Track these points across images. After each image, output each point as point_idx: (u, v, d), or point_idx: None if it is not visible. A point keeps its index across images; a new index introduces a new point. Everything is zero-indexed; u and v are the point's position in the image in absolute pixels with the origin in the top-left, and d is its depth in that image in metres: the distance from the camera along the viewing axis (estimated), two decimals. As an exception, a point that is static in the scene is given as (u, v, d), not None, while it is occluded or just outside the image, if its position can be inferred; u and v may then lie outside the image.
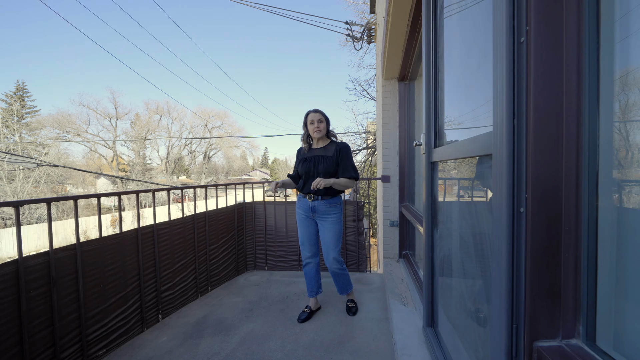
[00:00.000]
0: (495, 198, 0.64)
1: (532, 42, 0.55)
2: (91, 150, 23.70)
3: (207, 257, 2.56)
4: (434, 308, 1.43)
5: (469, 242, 0.94)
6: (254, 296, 2.43)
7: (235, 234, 2.94)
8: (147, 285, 1.99)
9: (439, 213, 1.32)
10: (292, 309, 2.18)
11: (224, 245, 2.76)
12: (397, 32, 2.13)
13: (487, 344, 0.81)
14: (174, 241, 2.22)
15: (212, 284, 2.61)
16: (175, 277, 2.22)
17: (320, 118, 1.96)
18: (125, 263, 1.84)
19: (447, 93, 1.25)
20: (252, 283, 2.74)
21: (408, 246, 2.76)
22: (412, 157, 2.70)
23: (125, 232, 1.85)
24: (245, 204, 3.08)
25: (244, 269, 3.08)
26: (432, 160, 1.38)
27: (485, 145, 0.71)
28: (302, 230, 2.05)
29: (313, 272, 2.08)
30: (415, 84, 2.65)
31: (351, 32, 3.88)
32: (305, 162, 1.99)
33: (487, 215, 0.83)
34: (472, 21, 0.91)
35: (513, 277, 0.60)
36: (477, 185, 0.91)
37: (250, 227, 3.11)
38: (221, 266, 2.71)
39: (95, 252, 1.65)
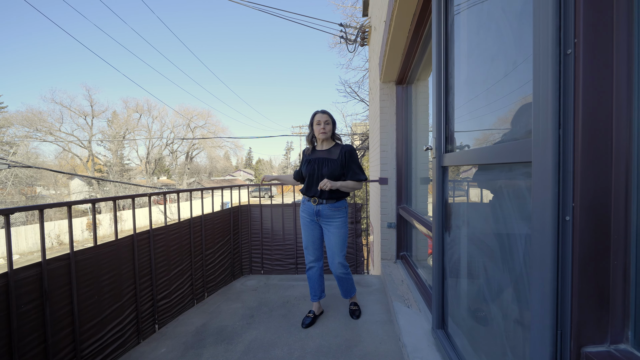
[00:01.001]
0: (537, 206, 0.65)
1: (580, 54, 0.56)
2: (64, 149, 22.41)
3: (203, 262, 2.47)
4: (444, 310, 1.45)
5: (493, 247, 0.95)
6: (253, 302, 2.37)
7: (231, 237, 2.86)
8: (143, 294, 1.89)
9: (453, 217, 1.34)
10: (295, 313, 2.14)
11: (220, 249, 2.68)
12: (398, 36, 2.15)
13: (519, 348, 0.82)
14: (170, 247, 2.12)
15: (209, 290, 2.53)
16: (171, 284, 2.12)
17: (327, 120, 1.94)
18: (122, 272, 1.74)
19: (460, 99, 1.27)
20: (250, 288, 2.67)
21: (405, 247, 2.80)
22: (410, 159, 2.74)
23: (121, 239, 1.74)
24: (241, 206, 3.01)
25: (240, 274, 3.00)
26: (442, 165, 1.40)
27: (521, 152, 0.72)
28: (306, 234, 2.03)
29: (317, 276, 2.06)
30: (412, 88, 2.69)
31: (345, 34, 3.89)
32: (309, 164, 1.96)
33: (517, 221, 0.84)
34: (496, 32, 0.93)
35: (558, 284, 0.61)
36: (502, 191, 0.93)
37: (246, 231, 3.04)
38: (217, 271, 2.63)
39: (90, 262, 1.55)
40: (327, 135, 1.94)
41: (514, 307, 0.87)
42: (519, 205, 0.84)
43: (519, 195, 0.85)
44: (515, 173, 0.82)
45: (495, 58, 0.94)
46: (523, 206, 0.84)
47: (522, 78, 0.82)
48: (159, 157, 27.10)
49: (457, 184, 1.27)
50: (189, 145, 28.48)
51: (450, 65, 1.37)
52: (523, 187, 0.79)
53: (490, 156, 0.93)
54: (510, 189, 0.89)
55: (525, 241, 0.81)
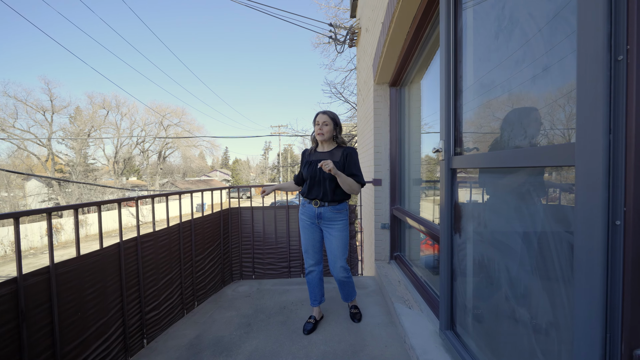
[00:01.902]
0: (583, 210, 0.65)
1: (634, 61, 0.57)
2: (19, 148, 20.42)
3: (192, 269, 2.33)
4: (453, 311, 1.46)
5: (516, 249, 0.96)
6: (248, 309, 2.27)
7: (221, 242, 2.73)
8: (130, 307, 1.74)
9: (465, 219, 1.35)
10: (294, 320, 2.08)
11: (210, 254, 2.55)
12: (397, 38, 2.16)
13: (549, 348, 0.83)
14: (159, 254, 1.97)
15: (199, 299, 2.39)
16: (160, 294, 1.97)
17: (326, 121, 1.89)
18: (107, 284, 1.58)
19: (473, 102, 1.28)
20: (242, 294, 2.56)
21: (399, 248, 2.82)
22: (403, 161, 2.77)
23: (106, 249, 1.59)
24: (231, 209, 2.88)
25: (230, 280, 2.87)
26: (452, 167, 1.41)
27: (562, 156, 0.72)
28: (306, 237, 1.97)
29: (317, 281, 2.01)
30: (406, 90, 2.72)
31: (335, 34, 3.87)
32: (310, 166, 1.91)
33: (544, 223, 0.85)
34: (520, 36, 0.94)
35: (607, 288, 0.61)
36: (527, 194, 0.94)
37: (236, 234, 2.91)
38: (207, 278, 2.49)
39: (72, 275, 1.39)
40: (324, 137, 1.89)
41: (540, 308, 0.89)
42: (545, 207, 0.85)
43: (546, 198, 0.86)
44: (550, 176, 0.83)
45: (519, 61, 0.95)
46: (550, 208, 0.85)
47: (549, 82, 0.83)
48: (128, 157, 25.55)
49: (471, 186, 1.28)
50: (161, 144, 27.14)
51: (459, 68, 1.38)
52: (551, 190, 0.80)
53: (512, 159, 0.94)
54: (536, 191, 0.90)
55: (557, 243, 0.82)
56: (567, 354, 0.77)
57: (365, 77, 3.37)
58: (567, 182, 0.81)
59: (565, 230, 0.79)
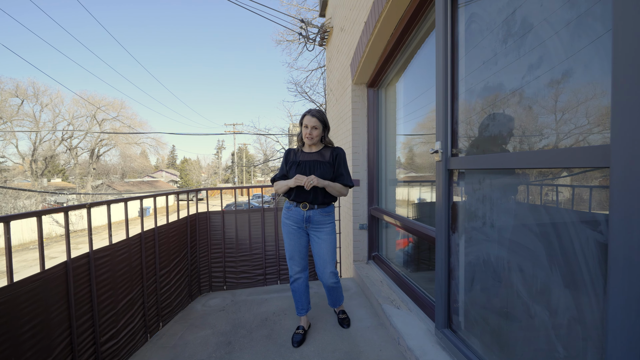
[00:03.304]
0: (619, 211, 0.67)
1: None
2: None
3: (157, 285, 2.02)
4: (450, 310, 1.48)
5: (529, 248, 0.98)
6: (225, 325, 2.05)
7: (188, 251, 2.43)
8: (82, 341, 1.41)
9: (462, 219, 1.37)
10: (279, 332, 1.93)
11: (176, 267, 2.24)
12: (381, 39, 2.16)
13: (553, 345, 0.86)
14: (117, 272, 1.65)
15: (164, 319, 2.08)
16: (119, 320, 1.65)
17: (315, 125, 1.78)
18: (51, 315, 1.25)
19: (469, 104, 1.30)
20: (215, 308, 2.31)
21: (377, 248, 2.85)
22: (380, 161, 2.79)
23: (49, 270, 1.25)
24: (199, 214, 2.58)
25: (198, 293, 2.58)
26: (449, 168, 1.43)
27: (595, 158, 0.74)
28: (291, 243, 1.84)
29: (303, 288, 1.89)
30: (382, 92, 2.75)
31: (306, 31, 3.76)
32: (299, 167, 1.79)
33: (570, 224, 0.87)
34: (533, 40, 0.96)
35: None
36: (538, 194, 0.97)
37: (205, 242, 2.63)
38: (173, 294, 2.19)
39: (1, 309, 1.05)
40: (313, 141, 1.79)
41: (543, 305, 0.91)
42: (545, 207, 0.88)
43: (547, 198, 0.89)
44: (574, 178, 0.86)
45: (535, 66, 0.97)
46: (551, 208, 0.87)
47: (569, 86, 0.86)
48: (50, 155, 21.85)
49: (472, 187, 1.30)
50: (95, 141, 23.81)
51: (456, 70, 1.40)
52: (552, 190, 0.83)
53: (548, 161, 0.96)
54: (538, 191, 0.94)
55: (559, 241, 0.86)
56: (568, 348, 0.80)
57: (339, 76, 3.33)
58: (566, 184, 0.86)
59: (569, 230, 0.82)
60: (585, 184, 0.86)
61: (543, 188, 1.01)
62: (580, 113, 0.84)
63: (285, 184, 1.78)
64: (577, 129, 0.86)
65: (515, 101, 1.07)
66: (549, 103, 0.93)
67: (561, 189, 0.95)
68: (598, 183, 0.81)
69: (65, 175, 28.86)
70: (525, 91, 1.02)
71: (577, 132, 0.86)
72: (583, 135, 0.84)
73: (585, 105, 0.82)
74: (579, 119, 0.85)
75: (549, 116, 0.94)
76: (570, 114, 0.87)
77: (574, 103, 0.85)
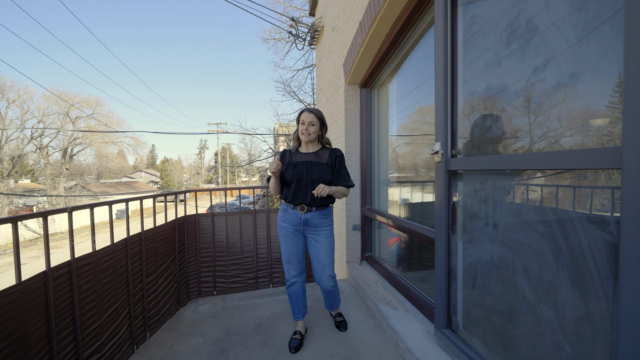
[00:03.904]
0: (630, 211, 0.68)
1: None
2: None
3: (143, 293, 1.91)
4: (450, 310, 1.49)
5: (533, 248, 0.99)
6: (217, 332, 1.97)
7: (176, 256, 2.32)
8: (63, 357, 1.29)
9: (462, 220, 1.38)
10: (275, 338, 1.87)
11: (164, 273, 2.13)
12: (376, 39, 2.15)
13: (557, 343, 0.87)
14: (101, 281, 1.54)
15: (150, 328, 1.97)
16: (104, 332, 1.54)
17: (312, 120, 1.75)
18: (28, 332, 1.14)
19: (469, 105, 1.31)
20: (206, 315, 2.22)
21: (370, 248, 2.84)
22: (373, 161, 2.79)
23: (26, 282, 1.14)
24: (187, 217, 2.47)
25: (187, 299, 2.47)
26: (449, 169, 1.43)
27: (606, 159, 0.75)
28: (288, 246, 1.79)
29: (300, 292, 1.84)
30: (375, 92, 2.75)
31: (296, 29, 3.71)
32: (295, 168, 1.74)
33: (571, 224, 0.88)
34: (539, 42, 0.97)
35: (664, 285, 0.65)
36: (541, 195, 0.98)
37: (193, 246, 2.52)
38: (161, 302, 2.08)
39: (-26, 327, 0.94)
40: (310, 137, 1.75)
41: (556, 304, 0.92)
42: (561, 208, 0.89)
43: (565, 198, 0.90)
44: (583, 179, 0.87)
45: (541, 68, 0.98)
46: (554, 209, 0.88)
47: (579, 89, 0.87)
48: (18, 154, 20.47)
49: (476, 187, 1.31)
50: (68, 140, 22.54)
51: (456, 76, 1.41)
52: (592, 192, 0.84)
53: (556, 162, 0.97)
54: (539, 192, 0.95)
55: (575, 241, 0.86)
56: (573, 345, 0.81)
57: (331, 76, 3.31)
58: (565, 185, 0.87)
59: (570, 229, 0.83)
60: (585, 185, 0.87)
61: (543, 189, 1.03)
62: (587, 115, 0.85)
63: (273, 183, 1.73)
64: (581, 131, 0.87)
65: (517, 102, 1.08)
66: (551, 105, 0.94)
67: (562, 189, 0.96)
68: (589, 183, 0.83)
69: (35, 176, 27.15)
70: (528, 92, 1.03)
71: (581, 134, 0.87)
72: (590, 137, 0.85)
73: (593, 106, 0.83)
74: (581, 121, 0.86)
75: (549, 117, 0.95)
76: (573, 116, 0.88)
77: (578, 105, 0.86)
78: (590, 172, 0.87)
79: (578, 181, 0.91)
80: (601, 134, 0.83)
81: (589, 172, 0.87)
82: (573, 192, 0.93)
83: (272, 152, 10.12)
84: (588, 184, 0.88)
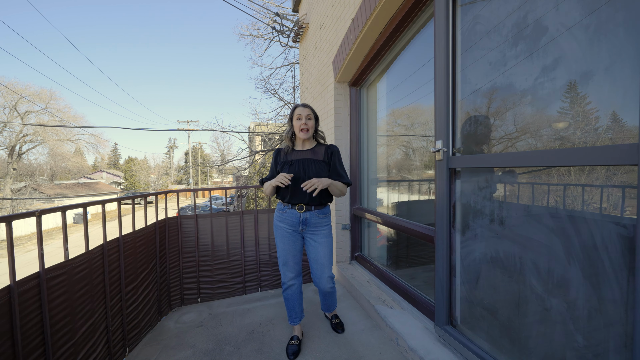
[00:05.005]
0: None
1: None
2: None
3: (122, 304, 1.72)
4: (451, 307, 1.50)
5: (544, 244, 1.02)
6: (206, 343, 1.83)
7: (157, 262, 2.13)
8: (32, 384, 1.12)
9: (463, 217, 1.40)
10: (271, 344, 1.78)
11: (144, 281, 1.95)
12: (370, 37, 2.13)
13: (593, 336, 0.89)
14: (75, 293, 1.36)
15: (130, 343, 1.79)
16: (78, 351, 1.36)
17: (310, 114, 1.69)
18: (-9, 358, 0.96)
19: (470, 104, 1.33)
20: (192, 324, 2.06)
21: (359, 247, 2.83)
22: (363, 160, 2.79)
23: (-13, 299, 0.96)
24: (169, 220, 2.29)
25: (168, 309, 2.29)
26: (450, 167, 1.45)
27: (621, 155, 0.78)
28: (286, 248, 1.71)
29: (297, 295, 1.77)
30: (364, 91, 2.74)
31: (281, 25, 3.60)
32: (292, 167, 1.67)
33: (574, 221, 0.91)
34: (546, 42, 1.00)
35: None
36: (546, 193, 1.01)
37: (175, 250, 2.34)
38: (141, 312, 1.90)
39: None
40: (309, 133, 1.69)
41: (559, 299, 0.95)
42: (566, 205, 0.92)
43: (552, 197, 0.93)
44: (597, 175, 0.90)
45: (550, 68, 1.00)
46: (556, 207, 0.91)
47: (590, 89, 0.90)
48: (-48, 152, 18.01)
49: (480, 185, 1.33)
50: (15, 137, 20.27)
51: (457, 71, 1.42)
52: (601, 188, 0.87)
53: (569, 159, 0.99)
54: (557, 190, 0.98)
55: (564, 237, 0.89)
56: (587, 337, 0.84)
57: (317, 74, 3.26)
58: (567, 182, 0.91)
59: (576, 226, 0.86)
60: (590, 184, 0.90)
61: (550, 186, 1.06)
62: (602, 113, 0.88)
63: (269, 184, 1.65)
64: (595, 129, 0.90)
65: (520, 100, 1.10)
66: (554, 103, 0.97)
67: (564, 186, 1.00)
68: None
69: (-26, 176, 24.06)
70: (534, 92, 1.05)
71: (593, 131, 0.90)
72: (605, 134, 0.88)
73: (601, 106, 0.86)
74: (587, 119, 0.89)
75: (554, 116, 0.98)
76: (578, 114, 0.91)
77: (585, 104, 0.89)
78: (585, 170, 0.90)
79: (577, 179, 0.94)
80: (605, 134, 0.86)
81: (585, 169, 0.91)
82: (582, 190, 0.96)
83: (249, 152, 9.83)
84: (587, 182, 0.91)
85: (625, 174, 0.83)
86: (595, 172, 0.90)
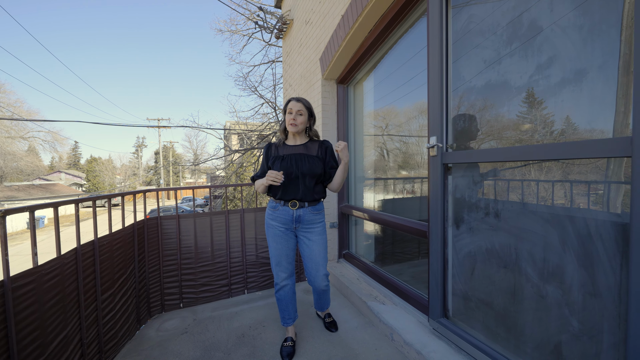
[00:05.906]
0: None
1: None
2: None
3: (98, 314, 1.57)
4: (445, 299, 1.53)
5: (549, 239, 1.06)
6: (193, 350, 1.72)
7: (135, 267, 1.98)
8: (-5, 410, 0.97)
9: (457, 212, 1.43)
10: (263, 348, 1.72)
11: (122, 288, 1.80)
12: (359, 34, 2.14)
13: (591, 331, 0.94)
14: (45, 304, 1.21)
15: (107, 355, 1.63)
16: (50, 368, 1.21)
17: (301, 109, 1.64)
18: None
19: (465, 101, 1.37)
20: (175, 332, 1.94)
21: (347, 245, 2.83)
22: (351, 158, 2.79)
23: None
24: (148, 221, 2.13)
25: (147, 316, 2.13)
26: (444, 162, 1.48)
27: (615, 148, 0.82)
28: (278, 247, 1.66)
29: (290, 295, 1.72)
30: (351, 89, 2.75)
31: (264, 21, 3.50)
32: (284, 161, 1.62)
33: (568, 214, 0.96)
34: (543, 42, 1.05)
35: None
36: (535, 187, 1.06)
37: (155, 253, 2.19)
38: (119, 322, 1.75)
39: None
40: (297, 129, 1.65)
41: (549, 289, 1.00)
42: (558, 198, 0.97)
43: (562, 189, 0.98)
44: (592, 168, 0.95)
45: (544, 66, 1.05)
46: (573, 197, 0.96)
47: (583, 86, 0.95)
48: None
49: (475, 179, 1.36)
50: (-45, 133, 18.05)
51: (450, 74, 1.46)
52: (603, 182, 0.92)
53: (566, 152, 1.04)
54: (548, 184, 1.03)
55: (561, 230, 0.94)
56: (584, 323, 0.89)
57: (303, 71, 3.21)
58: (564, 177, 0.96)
59: (570, 219, 0.91)
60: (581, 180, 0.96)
61: (541, 180, 1.11)
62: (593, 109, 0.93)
63: (261, 183, 1.60)
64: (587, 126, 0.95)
65: (513, 96, 1.15)
66: (548, 100, 1.01)
67: (559, 181, 1.05)
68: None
69: None
70: (529, 88, 1.10)
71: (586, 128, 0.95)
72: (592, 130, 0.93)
73: (597, 105, 0.91)
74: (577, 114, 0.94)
75: (549, 111, 1.03)
76: (572, 111, 0.95)
77: (580, 102, 0.94)
78: (576, 166, 0.95)
79: (568, 175, 1.00)
80: (601, 128, 0.91)
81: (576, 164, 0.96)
82: (570, 186, 1.01)
83: (226, 152, 9.52)
84: (578, 178, 0.97)
85: (618, 167, 0.88)
86: (590, 163, 0.95)
